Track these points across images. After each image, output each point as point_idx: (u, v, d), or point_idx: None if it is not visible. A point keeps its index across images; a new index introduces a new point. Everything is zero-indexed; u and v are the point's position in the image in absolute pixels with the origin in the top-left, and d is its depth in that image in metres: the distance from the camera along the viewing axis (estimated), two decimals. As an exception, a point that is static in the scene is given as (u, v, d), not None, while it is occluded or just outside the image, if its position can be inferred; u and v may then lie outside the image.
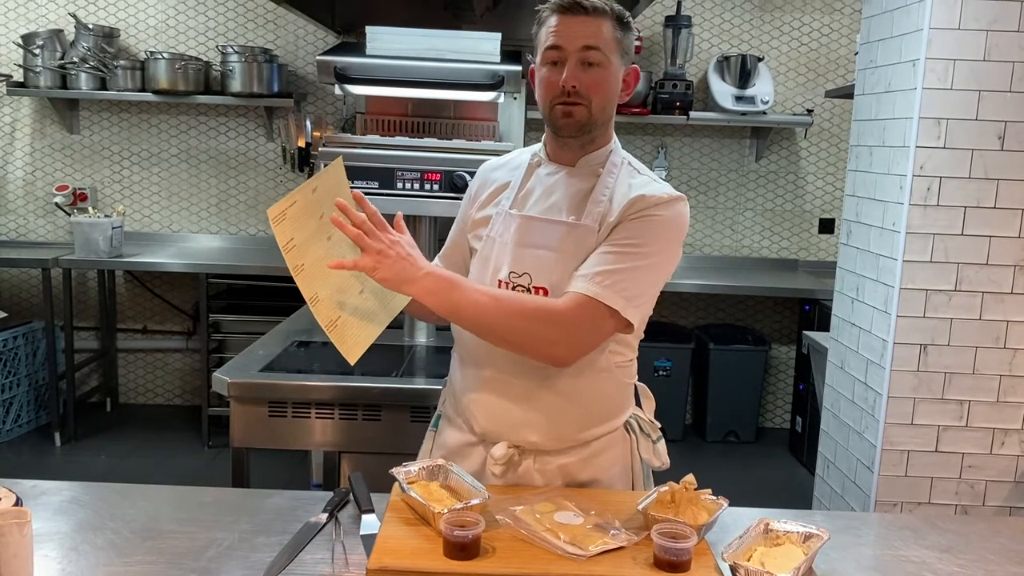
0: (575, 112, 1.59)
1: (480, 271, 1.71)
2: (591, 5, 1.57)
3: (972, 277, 2.63)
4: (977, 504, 2.74)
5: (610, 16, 1.59)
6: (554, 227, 1.63)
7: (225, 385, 2.29)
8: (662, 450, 1.78)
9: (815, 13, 4.96)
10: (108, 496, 1.64)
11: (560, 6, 1.58)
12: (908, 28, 2.65)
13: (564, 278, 1.60)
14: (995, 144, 2.57)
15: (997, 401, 2.68)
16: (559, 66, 1.58)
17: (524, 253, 1.64)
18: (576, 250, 1.61)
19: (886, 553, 1.56)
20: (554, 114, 1.61)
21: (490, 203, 1.74)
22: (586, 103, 1.58)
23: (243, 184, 5.05)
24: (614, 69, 1.60)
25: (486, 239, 1.70)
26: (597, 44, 1.57)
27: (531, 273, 1.63)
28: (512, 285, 1.64)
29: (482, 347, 1.64)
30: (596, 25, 1.57)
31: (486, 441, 1.71)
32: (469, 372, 1.71)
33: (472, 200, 1.80)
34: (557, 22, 1.58)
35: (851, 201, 3.05)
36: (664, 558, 1.36)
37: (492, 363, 1.66)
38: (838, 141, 5.05)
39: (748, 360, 4.86)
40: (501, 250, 1.67)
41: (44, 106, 4.92)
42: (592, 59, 1.57)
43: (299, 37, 4.94)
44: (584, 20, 1.56)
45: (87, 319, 5.09)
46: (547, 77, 1.60)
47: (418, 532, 1.47)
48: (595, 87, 1.58)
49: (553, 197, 1.66)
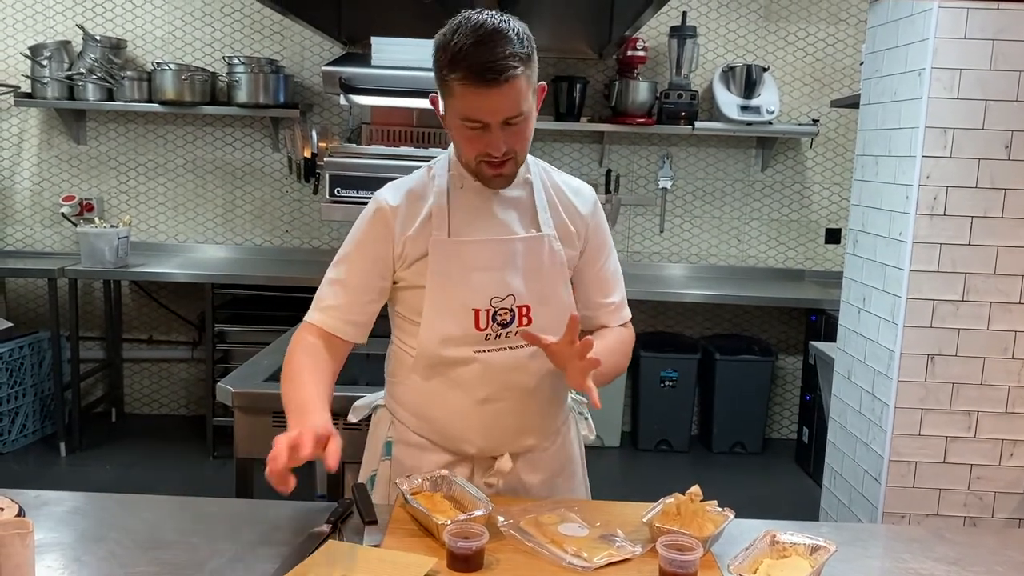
0: (505, 168, 1.57)
1: (441, 307, 1.62)
2: (506, 71, 1.42)
3: (979, 287, 2.62)
4: (986, 516, 2.72)
5: (521, 65, 1.45)
6: (520, 244, 1.63)
7: (229, 395, 2.29)
8: (591, 423, 1.89)
9: (820, 23, 4.96)
10: (110, 506, 1.64)
11: (472, 78, 1.42)
12: (913, 38, 2.65)
13: (542, 289, 1.64)
14: (1002, 153, 2.57)
15: (1005, 412, 2.66)
16: (481, 130, 1.50)
17: (499, 276, 1.62)
18: (544, 259, 1.65)
19: (894, 565, 1.54)
20: (481, 170, 1.57)
21: (423, 235, 1.62)
22: (513, 157, 1.55)
23: (249, 195, 5.06)
24: (533, 112, 1.54)
25: (435, 275, 1.61)
26: (518, 110, 1.48)
27: (515, 294, 1.63)
28: (494, 311, 1.62)
29: (472, 372, 1.63)
30: (514, 90, 1.45)
31: (477, 459, 1.71)
32: (455, 399, 1.66)
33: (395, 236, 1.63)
34: (473, 96, 1.45)
35: (857, 211, 3.04)
36: (670, 570, 1.35)
37: (485, 385, 1.65)
38: (844, 151, 5.04)
39: (754, 371, 4.84)
40: (462, 281, 1.61)
41: (51, 117, 4.94)
42: (514, 121, 1.50)
43: (305, 48, 4.96)
44: (501, 91, 1.44)
45: (93, 329, 5.09)
46: (468, 136, 1.52)
47: (422, 544, 1.46)
48: (520, 140, 1.54)
49: (499, 216, 1.64)
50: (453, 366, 1.65)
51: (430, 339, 1.64)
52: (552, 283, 1.66)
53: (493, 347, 1.63)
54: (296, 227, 5.09)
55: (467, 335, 1.62)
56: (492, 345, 1.63)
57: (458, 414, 1.67)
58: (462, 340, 1.63)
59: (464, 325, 1.62)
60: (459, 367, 1.64)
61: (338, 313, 1.65)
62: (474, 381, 1.65)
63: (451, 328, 1.62)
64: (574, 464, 1.84)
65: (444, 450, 1.71)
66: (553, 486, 1.77)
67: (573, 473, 1.83)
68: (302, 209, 5.07)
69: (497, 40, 1.43)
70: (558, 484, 1.78)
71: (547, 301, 1.65)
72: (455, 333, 1.62)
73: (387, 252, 1.64)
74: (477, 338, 1.63)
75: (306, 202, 5.05)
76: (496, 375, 1.64)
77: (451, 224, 1.62)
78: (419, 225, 1.62)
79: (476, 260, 1.62)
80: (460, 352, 1.63)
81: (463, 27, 1.45)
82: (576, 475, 1.84)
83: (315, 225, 5.08)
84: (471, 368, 1.64)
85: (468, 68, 1.43)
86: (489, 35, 1.43)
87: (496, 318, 1.62)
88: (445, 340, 1.63)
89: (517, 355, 1.64)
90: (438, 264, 1.61)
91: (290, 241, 5.09)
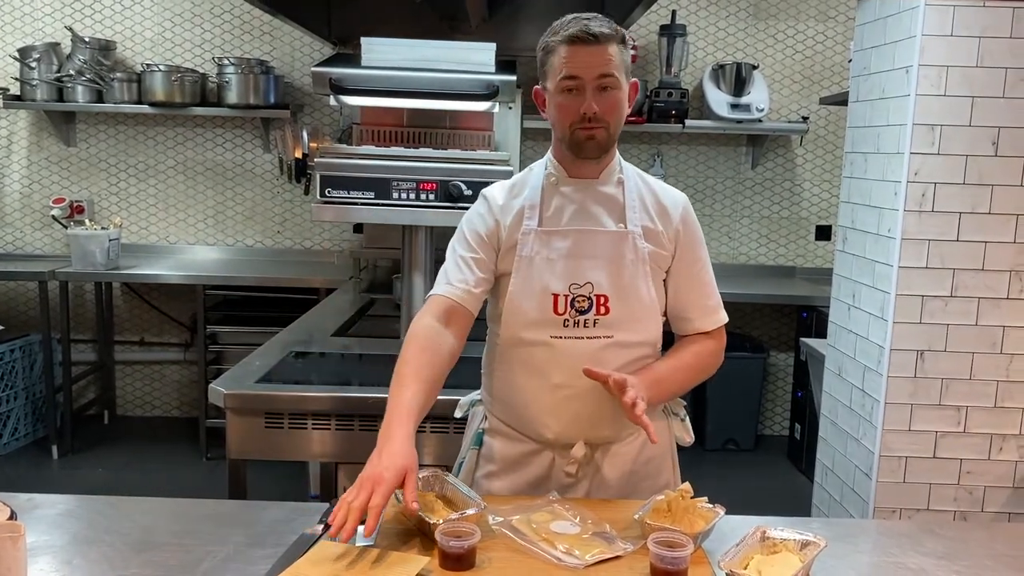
0: (597, 135, 1.67)
1: (524, 289, 1.73)
2: (600, 33, 1.62)
3: (968, 283, 2.63)
4: (976, 510, 2.73)
5: (616, 39, 1.64)
6: (604, 237, 1.73)
7: (221, 397, 2.29)
8: (689, 426, 1.88)
9: (809, 21, 4.98)
10: (103, 509, 1.63)
11: (572, 37, 1.62)
12: (901, 35, 2.66)
13: (621, 281, 1.71)
14: (989, 150, 2.58)
15: (995, 406, 2.68)
16: (576, 93, 1.64)
17: (581, 264, 1.71)
18: (628, 255, 1.72)
19: (884, 560, 1.55)
20: (576, 138, 1.68)
21: (517, 227, 1.75)
22: (605, 125, 1.66)
23: (240, 195, 5.06)
24: (624, 89, 1.67)
25: (521, 259, 1.73)
26: (611, 71, 1.63)
27: (592, 282, 1.71)
28: (572, 297, 1.70)
29: (548, 356, 1.71)
30: (607, 52, 1.62)
31: (556, 446, 1.75)
32: (533, 383, 1.74)
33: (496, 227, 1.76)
34: (570, 53, 1.63)
35: (846, 208, 3.05)
36: (660, 567, 1.36)
37: (559, 371, 1.71)
38: (834, 148, 5.05)
39: (746, 368, 4.85)
40: (546, 266, 1.71)
41: (41, 119, 4.93)
42: (607, 84, 1.64)
43: (295, 48, 4.95)
44: (596, 49, 1.62)
45: (84, 331, 5.08)
46: (564, 103, 1.66)
47: (415, 543, 1.47)
48: (612, 110, 1.66)
49: (590, 210, 1.74)
50: (531, 350, 1.73)
51: (512, 321, 1.74)
52: (632, 277, 1.72)
53: (570, 334, 1.71)
54: (287, 228, 5.08)
55: (546, 319, 1.71)
56: (569, 332, 1.71)
57: (534, 398, 1.74)
58: (541, 323, 1.71)
59: (543, 308, 1.71)
60: (536, 350, 1.72)
61: (452, 284, 1.74)
62: (549, 366, 1.71)
63: (532, 311, 1.72)
64: (659, 464, 1.83)
65: (527, 438, 1.78)
66: (633, 483, 1.78)
67: (656, 473, 1.83)
68: (293, 210, 5.07)
69: (594, 19, 1.65)
70: (639, 482, 1.79)
71: (626, 294, 1.72)
72: (535, 316, 1.71)
73: (493, 231, 1.76)
74: (556, 323, 1.71)
75: (297, 203, 5.05)
76: (570, 361, 1.69)
77: (542, 216, 1.75)
78: (515, 216, 1.75)
79: (559, 247, 1.72)
80: (538, 335, 1.71)
81: (567, 17, 1.67)
82: (661, 476, 1.83)
83: (306, 226, 5.08)
84: (547, 352, 1.71)
85: (569, 31, 1.63)
86: (588, 17, 1.65)
87: (574, 304, 1.71)
88: (526, 323, 1.72)
89: (592, 345, 1.71)
90: (525, 249, 1.73)
91: (281, 242, 5.09)
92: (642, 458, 1.80)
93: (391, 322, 3.15)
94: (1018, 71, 2.54)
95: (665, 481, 1.83)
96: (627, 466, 1.78)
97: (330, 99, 2.71)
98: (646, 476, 1.80)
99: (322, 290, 4.26)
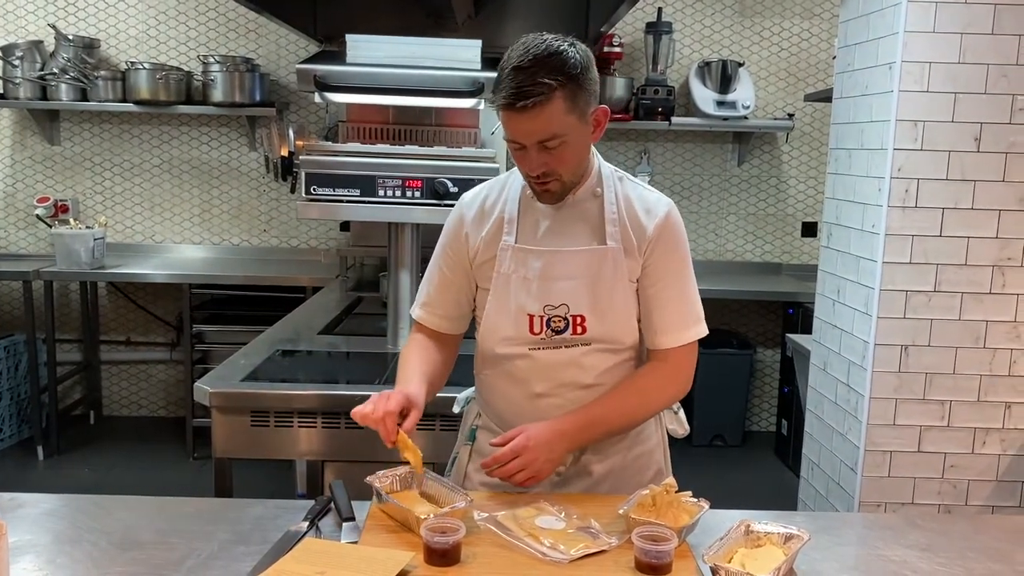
0: (551, 187, 1.63)
1: (500, 308, 1.71)
2: (534, 96, 1.48)
3: (951, 278, 2.65)
4: (960, 503, 2.75)
5: (558, 92, 1.50)
6: (579, 256, 1.68)
7: (207, 395, 2.28)
8: (683, 418, 1.90)
9: (794, 18, 5.00)
10: (87, 508, 1.63)
11: (505, 103, 1.52)
12: (884, 32, 2.68)
13: (599, 300, 1.67)
14: (971, 146, 2.60)
15: (978, 401, 2.70)
16: (523, 150, 1.58)
17: (556, 285, 1.68)
18: (605, 272, 1.68)
19: (867, 553, 1.56)
20: (533, 188, 1.66)
21: (494, 240, 1.72)
22: (558, 177, 1.61)
23: (226, 194, 5.04)
24: (575, 137, 1.57)
25: (499, 275, 1.71)
26: (550, 134, 1.53)
27: (568, 303, 1.68)
28: (548, 317, 1.68)
29: (528, 366, 1.71)
30: (545, 115, 1.51)
31: None
32: (514, 391, 1.74)
33: (469, 238, 1.75)
34: (506, 118, 1.55)
35: (831, 204, 3.06)
36: (645, 561, 1.36)
37: (539, 381, 1.71)
38: (819, 145, 5.08)
39: (733, 364, 4.87)
40: (522, 285, 1.69)
41: (24, 117, 4.89)
42: (550, 145, 1.55)
43: (281, 46, 4.94)
44: (531, 114, 1.50)
45: (70, 331, 5.05)
46: (515, 156, 1.62)
47: (399, 540, 1.47)
48: (561, 163, 1.59)
49: (565, 228, 1.70)
50: (512, 361, 1.72)
51: (489, 337, 1.74)
52: (610, 293, 1.68)
53: (548, 346, 1.70)
54: (273, 226, 5.07)
55: (522, 336, 1.70)
56: (547, 344, 1.70)
57: (515, 407, 1.74)
58: (517, 340, 1.71)
59: (519, 327, 1.70)
60: (517, 361, 1.72)
61: (431, 309, 1.81)
62: (528, 376, 1.72)
63: (507, 329, 1.71)
64: (648, 458, 1.83)
65: None
66: (621, 477, 1.78)
67: (646, 467, 1.82)
68: (279, 208, 5.05)
69: (536, 66, 1.50)
70: (627, 476, 1.79)
71: (603, 311, 1.68)
72: (511, 334, 1.71)
73: (463, 251, 1.75)
74: (532, 340, 1.70)
75: (283, 201, 5.03)
76: (550, 371, 1.70)
77: (520, 230, 1.71)
78: (492, 226, 1.73)
79: (535, 268, 1.69)
80: (515, 349, 1.71)
81: (515, 51, 1.54)
82: (651, 468, 1.82)
83: (292, 224, 5.06)
84: (525, 363, 1.71)
85: (502, 93, 1.53)
86: (531, 60, 1.50)
87: (550, 324, 1.69)
88: (503, 339, 1.72)
89: (571, 353, 1.69)
90: (503, 266, 1.71)
91: (268, 240, 5.07)
92: (632, 454, 1.80)
93: (378, 320, 3.14)
94: (1000, 67, 2.56)
95: (656, 473, 1.82)
96: (617, 462, 1.78)
97: (315, 97, 2.70)
98: (637, 471, 1.80)
99: (309, 288, 4.25)
